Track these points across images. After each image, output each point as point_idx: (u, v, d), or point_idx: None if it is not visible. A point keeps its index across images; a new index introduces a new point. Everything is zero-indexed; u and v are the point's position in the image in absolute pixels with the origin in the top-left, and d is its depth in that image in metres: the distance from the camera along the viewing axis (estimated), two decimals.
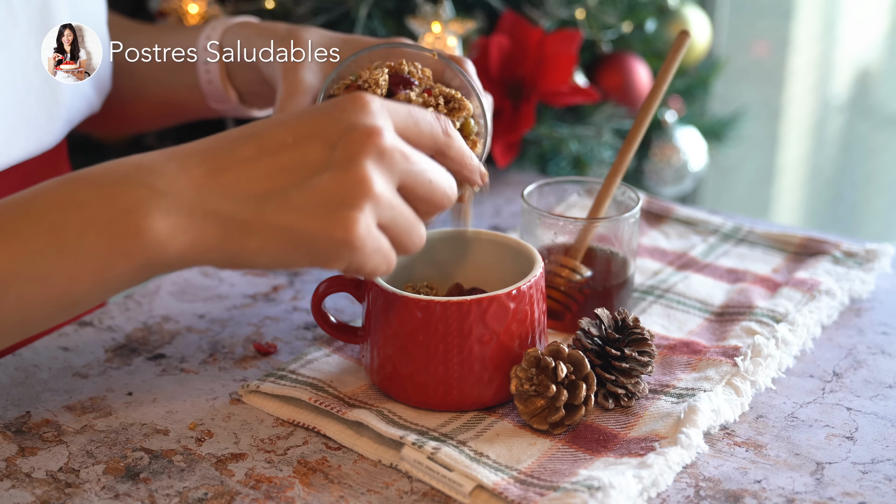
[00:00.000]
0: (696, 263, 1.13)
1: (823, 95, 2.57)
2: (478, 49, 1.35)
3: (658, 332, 1.01)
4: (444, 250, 0.98)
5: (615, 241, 1.01)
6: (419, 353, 0.87)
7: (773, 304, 1.02)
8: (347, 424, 0.88)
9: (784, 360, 0.96)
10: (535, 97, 1.35)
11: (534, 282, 0.89)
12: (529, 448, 0.85)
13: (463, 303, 0.86)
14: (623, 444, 0.85)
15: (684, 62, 1.69)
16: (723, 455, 0.85)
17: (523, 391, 0.87)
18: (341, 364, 0.96)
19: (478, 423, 0.88)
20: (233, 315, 1.06)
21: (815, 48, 2.50)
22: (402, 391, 0.90)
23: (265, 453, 0.86)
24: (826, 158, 2.64)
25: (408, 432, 0.85)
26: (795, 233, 1.16)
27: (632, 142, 1.02)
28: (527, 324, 0.89)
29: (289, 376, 0.93)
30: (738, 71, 2.36)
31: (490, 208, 1.30)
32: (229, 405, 0.93)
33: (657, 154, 1.65)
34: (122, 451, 0.86)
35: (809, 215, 2.66)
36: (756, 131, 2.37)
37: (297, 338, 1.03)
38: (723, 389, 0.90)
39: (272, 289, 1.11)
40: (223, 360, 0.99)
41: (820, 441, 0.87)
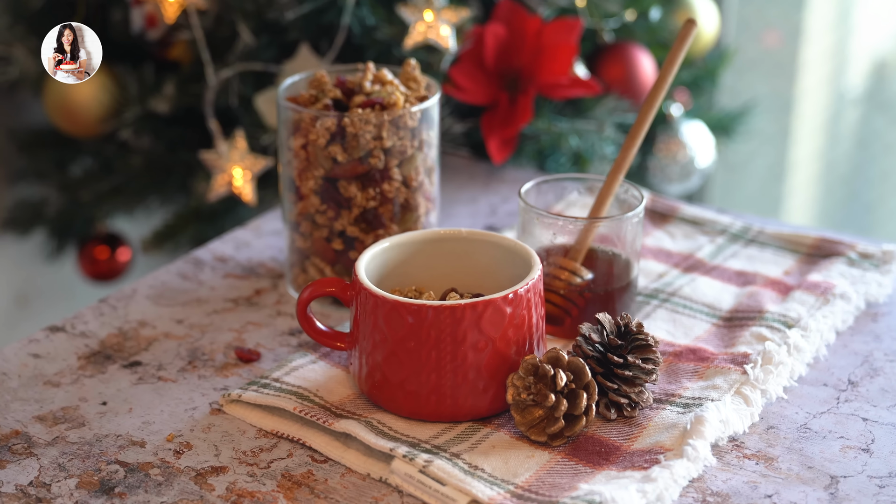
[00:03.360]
0: (704, 265, 1.13)
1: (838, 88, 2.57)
2: (472, 39, 1.36)
3: (663, 338, 1.01)
4: (435, 252, 0.98)
5: (617, 241, 1.01)
6: (410, 360, 0.87)
7: (785, 309, 1.03)
8: (334, 436, 0.89)
9: (796, 368, 0.96)
10: (532, 89, 1.35)
11: (531, 285, 0.89)
12: (527, 461, 0.85)
13: (456, 307, 0.86)
14: (626, 457, 0.85)
15: (691, 52, 1.70)
16: (731, 468, 0.85)
17: (520, 401, 0.87)
18: (328, 372, 0.96)
19: (472, 434, 0.88)
20: (213, 320, 1.07)
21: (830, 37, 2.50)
22: (392, 400, 0.90)
23: (247, 466, 0.86)
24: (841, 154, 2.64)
25: (398, 444, 0.85)
26: (808, 233, 1.16)
27: (635, 137, 1.02)
28: (524, 329, 0.89)
29: (272, 385, 0.93)
30: (748, 62, 2.36)
31: (485, 207, 1.30)
32: (209, 415, 0.93)
33: (662, 150, 1.66)
34: (95, 465, 0.87)
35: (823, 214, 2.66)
36: (766, 126, 2.37)
37: (281, 344, 1.03)
38: (731, 399, 0.91)
39: (255, 292, 1.11)
40: (203, 367, 0.99)
41: (834, 453, 0.87)
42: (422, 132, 1.06)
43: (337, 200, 1.05)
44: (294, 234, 1.09)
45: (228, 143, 1.37)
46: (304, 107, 1.05)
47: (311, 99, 1.07)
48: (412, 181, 1.06)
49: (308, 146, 1.04)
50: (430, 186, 1.09)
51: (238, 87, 1.45)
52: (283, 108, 1.06)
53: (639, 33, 1.59)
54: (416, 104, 1.06)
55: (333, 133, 1.03)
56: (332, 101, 1.05)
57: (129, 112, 1.52)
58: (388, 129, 1.03)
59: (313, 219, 1.06)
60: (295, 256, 1.10)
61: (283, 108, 1.06)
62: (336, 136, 1.03)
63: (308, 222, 1.07)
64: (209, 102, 1.42)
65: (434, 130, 1.08)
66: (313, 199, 1.05)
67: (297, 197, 1.07)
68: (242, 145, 1.36)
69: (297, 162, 1.06)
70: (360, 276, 0.90)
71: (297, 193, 1.07)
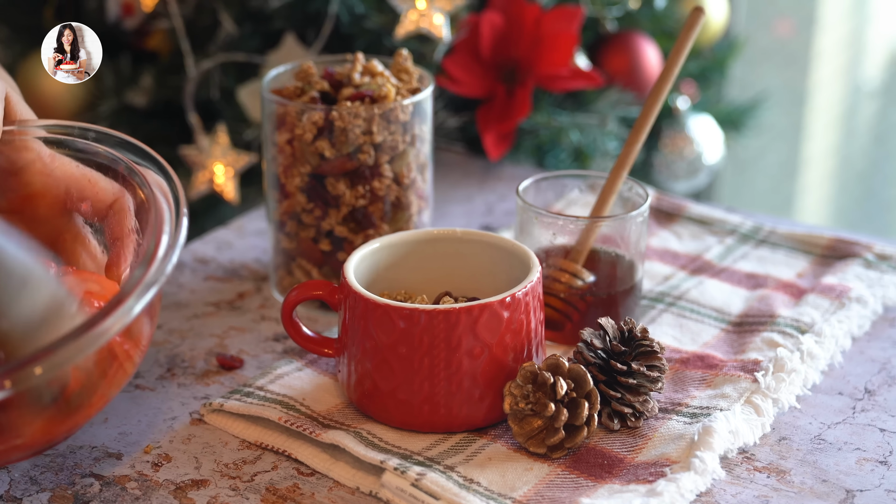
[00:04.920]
0: (712, 267, 1.13)
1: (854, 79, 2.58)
2: (467, 27, 1.36)
3: (669, 344, 1.01)
4: (428, 253, 0.98)
5: (621, 242, 1.01)
6: (402, 367, 0.88)
7: (798, 313, 1.03)
8: (322, 447, 0.89)
9: (810, 376, 0.96)
10: (531, 82, 1.35)
11: (530, 288, 0.89)
12: (525, 474, 0.85)
13: (451, 311, 0.86)
14: (630, 470, 0.85)
15: (698, 42, 1.70)
16: (741, 482, 0.85)
17: (518, 410, 0.87)
18: (315, 379, 0.96)
19: (467, 445, 0.88)
20: (193, 325, 1.07)
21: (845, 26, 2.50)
22: (382, 410, 0.90)
23: (230, 480, 0.86)
24: (857, 149, 2.65)
25: (389, 456, 0.85)
26: (822, 233, 1.16)
27: (639, 131, 1.02)
28: (522, 335, 0.89)
29: (256, 393, 0.93)
30: (759, 52, 2.37)
31: (481, 206, 1.30)
32: (189, 426, 0.93)
33: (668, 145, 1.66)
34: (69, 478, 0.86)
35: (838, 213, 2.66)
36: (778, 120, 2.38)
37: (265, 350, 1.03)
38: (741, 408, 0.91)
39: (237, 296, 1.11)
40: (183, 375, 0.99)
41: (850, 466, 0.87)
42: (414, 126, 1.06)
43: (324, 199, 1.05)
44: (279, 234, 1.09)
45: (209, 139, 1.37)
46: (290, 100, 1.05)
47: (297, 91, 1.07)
48: (404, 178, 1.06)
49: (294, 141, 1.04)
50: (422, 184, 1.09)
51: (220, 78, 1.45)
52: (267, 101, 1.06)
53: (643, 22, 1.59)
54: (408, 97, 1.06)
55: (321, 127, 1.03)
56: (319, 93, 1.06)
57: (104, 105, 1.52)
58: (379, 123, 1.03)
59: (299, 218, 1.06)
60: (280, 258, 1.10)
61: (268, 102, 1.06)
62: (323, 131, 1.03)
63: (294, 222, 1.07)
64: (189, 95, 1.42)
65: (427, 125, 1.08)
66: (299, 198, 1.05)
67: (283, 195, 1.07)
68: (224, 140, 1.36)
69: (282, 158, 1.06)
70: (348, 278, 0.90)
71: (283, 191, 1.07)
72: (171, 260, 0.81)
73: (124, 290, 0.78)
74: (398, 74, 1.09)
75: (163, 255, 0.81)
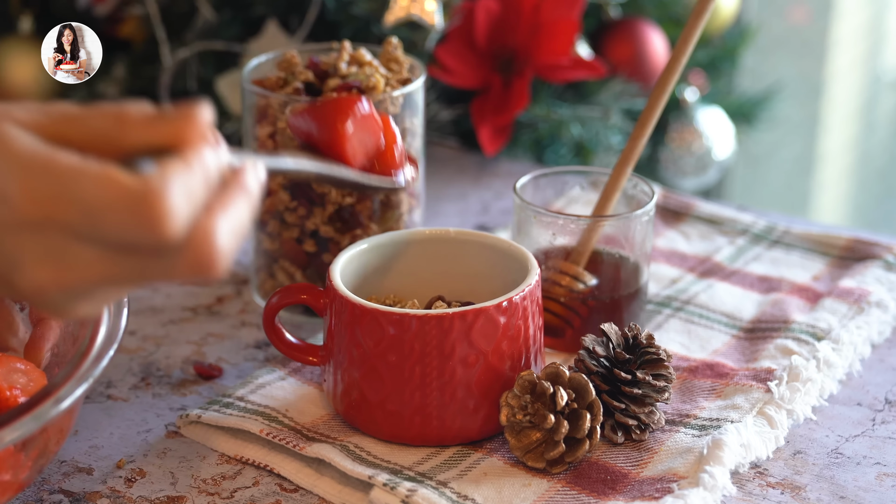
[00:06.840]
0: (722, 270, 1.14)
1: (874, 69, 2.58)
2: (461, 14, 1.36)
3: (676, 351, 1.01)
4: (420, 254, 0.98)
5: (625, 243, 1.01)
6: (391, 376, 0.88)
7: (814, 319, 1.03)
8: (306, 462, 0.89)
9: (827, 386, 0.97)
10: (529, 72, 1.35)
11: (528, 292, 0.89)
12: (523, 490, 0.85)
13: (444, 316, 0.86)
14: (635, 485, 0.85)
15: (708, 30, 1.70)
16: (754, 498, 0.86)
17: (516, 422, 0.87)
18: (299, 389, 0.96)
19: (461, 460, 0.88)
20: (169, 331, 1.07)
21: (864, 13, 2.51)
22: (371, 422, 0.90)
23: (208, 496, 0.87)
24: (876, 144, 2.65)
25: (378, 471, 0.85)
26: (840, 233, 1.17)
27: (645, 125, 1.03)
28: (520, 342, 0.89)
29: (236, 404, 0.93)
30: (772, 40, 2.37)
31: (476, 204, 1.30)
32: (165, 439, 0.93)
33: (675, 139, 1.66)
34: (37, 494, 0.87)
35: (857, 212, 2.67)
36: (793, 112, 2.38)
37: (245, 358, 1.03)
38: (754, 420, 0.91)
39: (216, 300, 1.12)
40: (158, 385, 0.99)
41: (869, 482, 0.87)
42: (404, 119, 1.06)
43: (309, 197, 1.05)
44: (260, 234, 1.09)
45: None
46: (272, 91, 1.06)
47: (280, 82, 1.07)
48: None
49: (276, 135, 1.04)
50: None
51: (197, 68, 1.45)
52: (248, 92, 1.06)
53: (649, 8, 1.59)
54: (398, 88, 1.06)
55: None
56: (303, 84, 1.06)
57: (73, 96, 1.52)
58: None
59: (282, 217, 1.07)
60: (261, 259, 1.10)
61: (249, 93, 1.06)
62: None
63: (276, 221, 1.07)
64: (165, 86, 1.42)
65: (418, 118, 1.08)
66: (282, 195, 1.06)
67: (264, 192, 1.07)
68: None
69: (263, 153, 1.06)
70: (334, 281, 0.90)
71: (264, 188, 1.07)
72: (101, 362, 0.77)
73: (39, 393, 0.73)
74: (387, 64, 1.09)
75: (96, 354, 0.77)
